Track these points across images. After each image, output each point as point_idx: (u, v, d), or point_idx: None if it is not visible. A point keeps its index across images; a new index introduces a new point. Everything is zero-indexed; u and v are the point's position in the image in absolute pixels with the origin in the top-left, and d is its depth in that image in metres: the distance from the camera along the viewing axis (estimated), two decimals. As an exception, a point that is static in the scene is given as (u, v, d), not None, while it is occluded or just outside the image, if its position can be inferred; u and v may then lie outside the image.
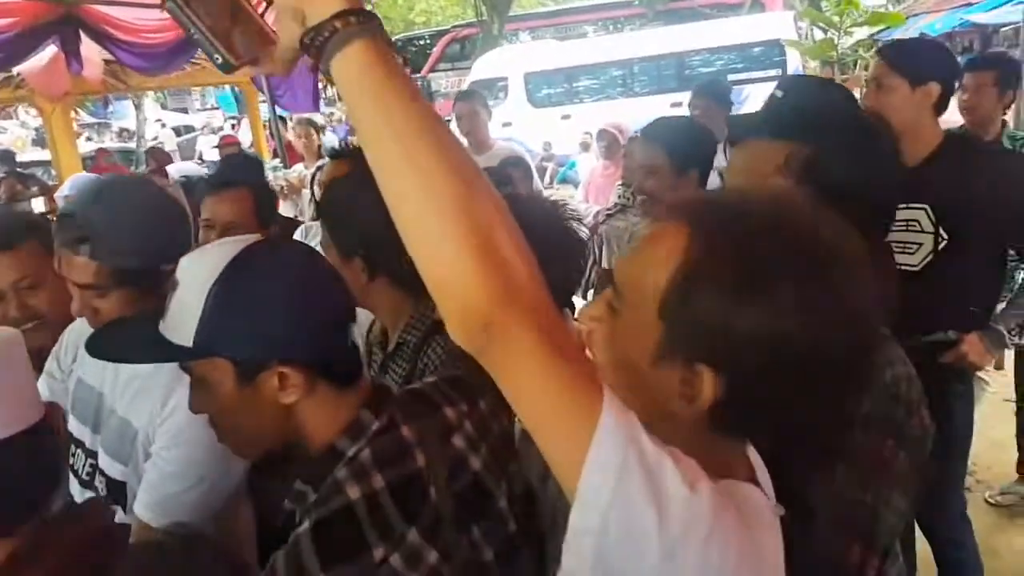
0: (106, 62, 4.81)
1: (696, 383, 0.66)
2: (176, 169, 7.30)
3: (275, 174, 4.74)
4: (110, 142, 16.30)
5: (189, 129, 18.51)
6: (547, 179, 10.15)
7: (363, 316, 1.32)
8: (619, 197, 3.70)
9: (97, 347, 1.01)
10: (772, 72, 10.92)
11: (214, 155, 10.52)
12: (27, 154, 12.97)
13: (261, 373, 0.89)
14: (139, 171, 9.19)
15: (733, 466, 0.72)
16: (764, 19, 13.26)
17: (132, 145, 14.80)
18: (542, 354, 0.60)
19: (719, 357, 0.65)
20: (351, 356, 0.98)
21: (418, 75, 16.40)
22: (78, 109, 13.83)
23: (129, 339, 0.98)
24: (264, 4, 2.94)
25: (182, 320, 0.89)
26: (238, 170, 2.97)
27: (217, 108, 20.90)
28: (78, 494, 1.36)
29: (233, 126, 12.46)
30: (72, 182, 4.00)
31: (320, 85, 6.03)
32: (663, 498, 0.58)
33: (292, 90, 5.50)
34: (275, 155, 6.12)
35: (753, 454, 0.80)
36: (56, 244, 1.30)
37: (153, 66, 3.91)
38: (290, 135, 6.70)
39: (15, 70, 4.47)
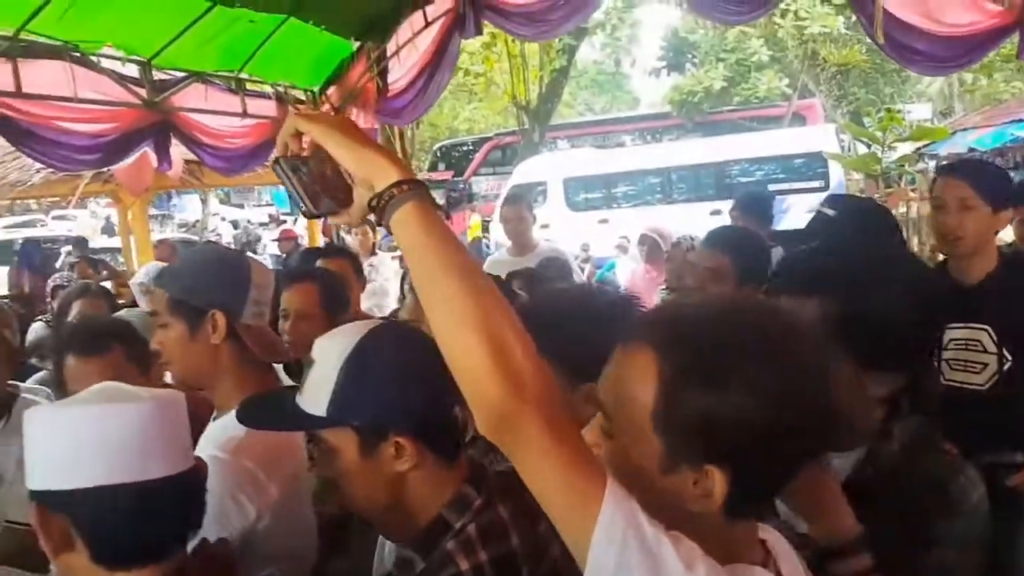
0: (185, 161, 5.22)
1: (707, 481, 0.74)
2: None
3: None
4: (170, 233, 17.26)
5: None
6: (585, 279, 10.23)
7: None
8: (663, 302, 3.82)
9: (245, 417, 1.14)
10: (815, 183, 10.65)
11: (274, 248, 11.09)
12: (96, 241, 13.82)
13: (380, 444, 0.99)
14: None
15: (745, 551, 0.80)
16: (806, 132, 13.28)
17: (193, 236, 15.81)
18: (547, 442, 0.71)
19: (720, 451, 0.73)
20: (455, 431, 1.08)
21: (461, 178, 16.96)
22: (146, 202, 14.82)
23: (272, 409, 1.12)
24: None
25: (317, 393, 1.02)
26: (307, 264, 3.23)
27: (272, 204, 21.93)
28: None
29: (295, 220, 13.12)
30: (146, 270, 4.27)
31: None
32: None
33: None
34: (330, 250, 6.42)
35: (780, 542, 0.87)
36: None
37: (232, 167, 4.24)
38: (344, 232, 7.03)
39: (106, 167, 4.88)
